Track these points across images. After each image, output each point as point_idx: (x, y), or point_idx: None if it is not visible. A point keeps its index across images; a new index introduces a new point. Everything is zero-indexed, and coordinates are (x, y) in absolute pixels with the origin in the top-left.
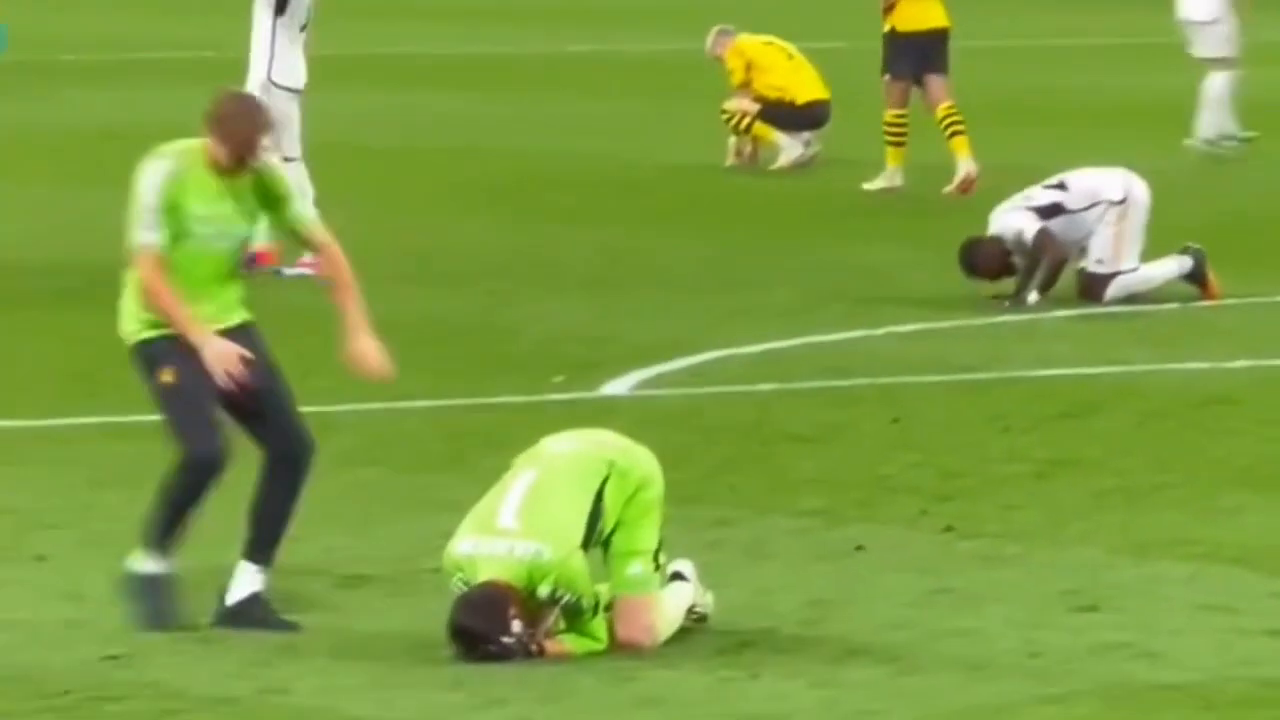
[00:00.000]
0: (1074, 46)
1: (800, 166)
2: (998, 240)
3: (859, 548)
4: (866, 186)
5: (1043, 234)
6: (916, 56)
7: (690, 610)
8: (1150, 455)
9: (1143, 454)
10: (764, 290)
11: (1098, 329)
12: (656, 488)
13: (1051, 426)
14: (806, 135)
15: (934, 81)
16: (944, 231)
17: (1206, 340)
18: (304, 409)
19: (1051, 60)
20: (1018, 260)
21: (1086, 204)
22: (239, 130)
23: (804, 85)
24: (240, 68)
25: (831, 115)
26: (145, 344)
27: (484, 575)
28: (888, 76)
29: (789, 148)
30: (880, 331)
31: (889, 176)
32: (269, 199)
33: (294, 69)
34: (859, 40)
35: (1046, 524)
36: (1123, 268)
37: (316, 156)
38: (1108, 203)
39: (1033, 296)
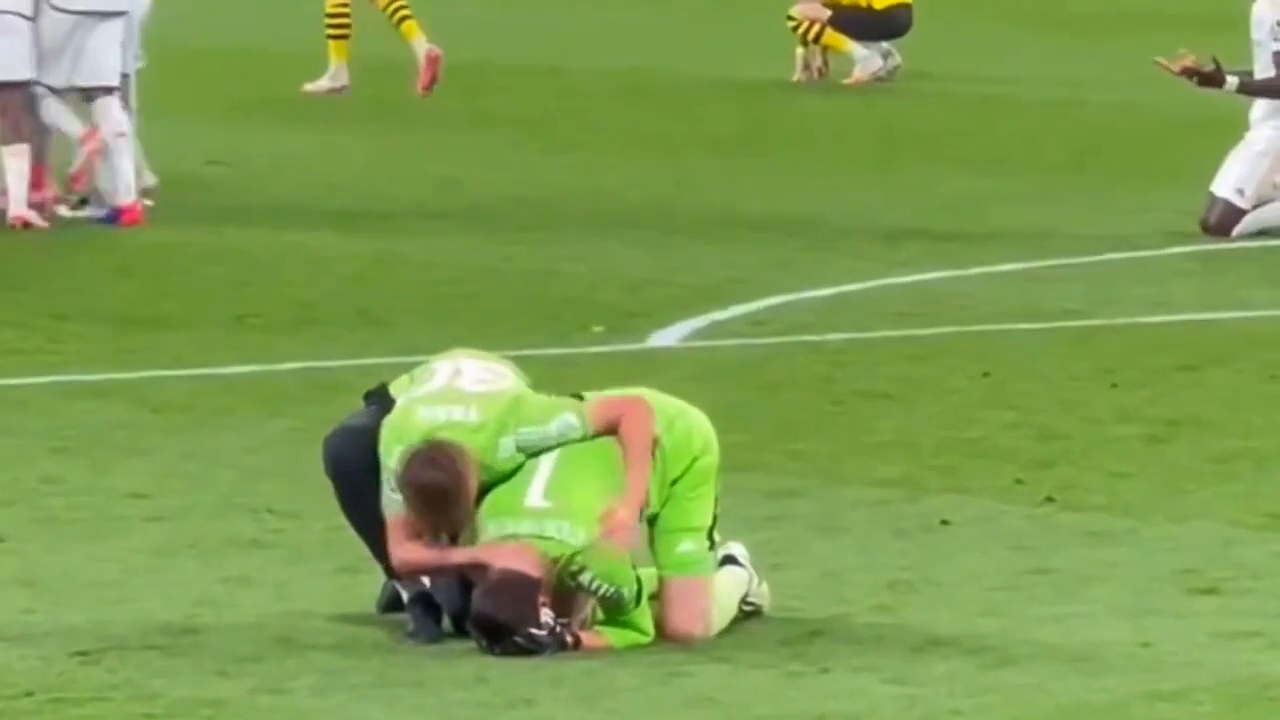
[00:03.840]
0: None
1: (878, 81)
2: None
3: (944, 522)
4: (308, 88)
5: None
6: None
7: (743, 601)
8: None
9: (1271, 412)
10: (835, 226)
11: (1220, 268)
12: (711, 456)
13: (1167, 381)
14: (885, 45)
15: None
16: (1040, 160)
17: None
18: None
19: None
20: None
21: None
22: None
23: None
24: None
25: (914, 22)
26: None
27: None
28: None
29: (865, 60)
30: (969, 272)
31: (333, 76)
32: None
33: None
34: None
35: (1161, 494)
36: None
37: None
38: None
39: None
